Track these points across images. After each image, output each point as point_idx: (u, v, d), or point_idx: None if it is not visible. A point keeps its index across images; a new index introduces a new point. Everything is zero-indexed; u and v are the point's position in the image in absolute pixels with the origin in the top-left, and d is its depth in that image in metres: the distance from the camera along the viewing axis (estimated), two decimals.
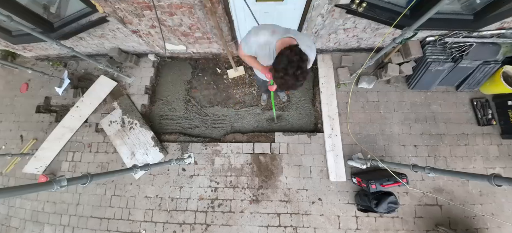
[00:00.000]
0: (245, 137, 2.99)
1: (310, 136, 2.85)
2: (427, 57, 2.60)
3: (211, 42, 2.78)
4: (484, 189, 2.64)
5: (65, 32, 2.55)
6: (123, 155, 2.95)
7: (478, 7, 2.19)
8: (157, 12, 2.14)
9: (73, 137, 3.14)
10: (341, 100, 2.94)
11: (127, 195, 2.86)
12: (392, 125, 2.86)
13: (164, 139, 3.05)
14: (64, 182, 1.17)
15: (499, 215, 2.58)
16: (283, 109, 3.16)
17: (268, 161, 2.82)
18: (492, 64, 2.61)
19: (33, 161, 3.04)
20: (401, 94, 2.96)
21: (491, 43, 2.48)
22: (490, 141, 2.80)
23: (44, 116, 3.35)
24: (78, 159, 3.07)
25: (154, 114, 3.30)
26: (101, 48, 3.16)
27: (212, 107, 3.25)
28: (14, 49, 3.20)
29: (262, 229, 2.62)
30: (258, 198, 2.72)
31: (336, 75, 3.01)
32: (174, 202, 2.78)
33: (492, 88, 2.76)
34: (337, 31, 2.56)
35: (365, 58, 3.01)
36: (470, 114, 2.89)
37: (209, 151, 2.90)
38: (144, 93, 3.23)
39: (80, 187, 2.93)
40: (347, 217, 2.60)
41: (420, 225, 2.55)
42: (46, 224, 2.90)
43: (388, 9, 2.18)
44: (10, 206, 3.07)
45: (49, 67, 3.55)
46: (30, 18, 2.34)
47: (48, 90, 3.45)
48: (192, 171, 2.86)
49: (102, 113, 3.19)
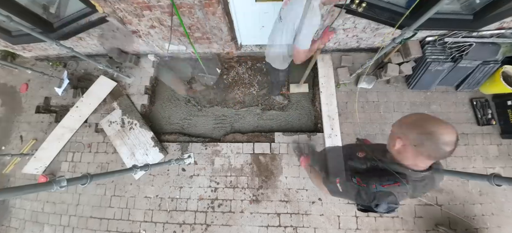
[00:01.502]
0: (245, 137, 2.99)
1: (310, 136, 2.85)
2: (427, 57, 2.60)
3: (211, 42, 2.78)
4: (484, 189, 2.64)
5: (65, 32, 2.54)
6: (123, 155, 2.94)
7: (478, 7, 2.19)
8: (157, 12, 2.14)
9: (73, 138, 3.14)
10: (341, 100, 2.94)
11: (127, 195, 2.86)
12: (392, 125, 2.85)
13: (164, 139, 3.05)
14: (63, 183, 1.17)
15: (499, 215, 2.58)
16: (283, 109, 3.16)
17: (268, 161, 2.82)
18: (491, 64, 2.61)
19: (32, 162, 3.03)
20: (401, 94, 2.96)
21: (491, 43, 2.48)
22: (489, 141, 2.80)
23: (43, 116, 3.34)
24: (78, 159, 3.06)
25: (154, 114, 3.30)
26: (100, 48, 3.16)
27: (212, 107, 3.25)
28: (14, 49, 3.20)
29: (262, 229, 2.62)
30: (258, 198, 2.72)
31: (336, 75, 3.01)
32: (174, 202, 2.78)
33: (492, 88, 2.76)
34: (336, 31, 2.57)
35: (364, 58, 3.02)
36: (469, 114, 2.89)
37: (209, 151, 2.90)
38: (144, 93, 3.23)
39: (80, 188, 2.92)
40: (347, 217, 2.60)
41: (420, 225, 2.55)
42: (45, 224, 2.89)
43: (388, 9, 2.18)
44: (10, 207, 3.07)
45: (49, 67, 3.55)
46: (30, 18, 2.33)
47: (48, 90, 3.45)
48: (192, 171, 2.86)
49: (101, 113, 3.19)
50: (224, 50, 3.03)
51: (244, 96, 3.26)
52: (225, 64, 3.36)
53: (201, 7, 2.07)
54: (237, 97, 3.25)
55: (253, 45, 3.05)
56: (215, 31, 2.52)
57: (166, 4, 2.04)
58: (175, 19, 2.25)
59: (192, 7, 2.09)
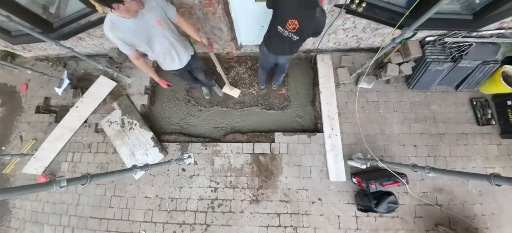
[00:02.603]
0: (245, 137, 2.99)
1: (310, 136, 2.85)
2: (427, 57, 2.60)
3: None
4: (483, 189, 2.65)
5: (65, 32, 2.54)
6: (123, 156, 2.94)
7: (478, 7, 2.20)
8: None
9: (73, 138, 3.14)
10: (341, 100, 2.94)
11: (127, 195, 2.86)
12: (391, 125, 2.86)
13: (163, 139, 3.05)
14: (63, 183, 1.17)
15: (499, 215, 2.59)
16: (283, 109, 3.16)
17: (268, 161, 2.82)
18: (491, 64, 2.61)
19: (32, 162, 3.03)
20: (401, 94, 2.96)
21: (491, 43, 2.49)
22: (489, 141, 2.80)
23: (43, 117, 3.34)
24: (77, 159, 3.06)
25: (154, 114, 3.30)
26: (100, 48, 3.16)
27: (212, 107, 3.25)
28: (14, 50, 3.20)
29: (262, 229, 2.62)
30: (258, 198, 2.72)
31: (336, 75, 3.01)
32: (174, 203, 2.78)
33: (492, 87, 2.76)
34: (336, 31, 2.57)
35: (364, 58, 3.02)
36: (469, 114, 2.89)
37: (209, 151, 2.90)
38: (143, 93, 3.23)
39: (79, 188, 2.92)
40: (347, 217, 2.60)
41: (420, 225, 2.56)
42: (45, 224, 2.89)
43: (388, 9, 2.18)
44: (10, 207, 3.07)
45: (49, 67, 3.55)
46: (30, 18, 2.33)
47: (48, 91, 3.45)
48: (192, 171, 2.86)
49: (101, 113, 3.19)
50: (224, 50, 3.03)
51: (244, 96, 3.26)
52: (225, 64, 3.36)
53: (201, 7, 2.07)
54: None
55: (253, 45, 3.05)
56: (215, 31, 2.52)
57: None
58: None
59: (192, 7, 2.09)
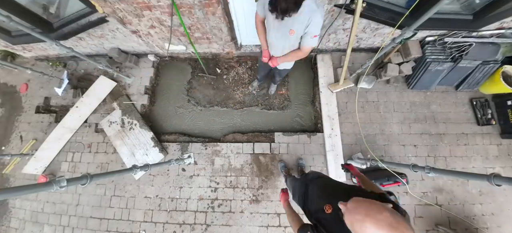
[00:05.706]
0: (245, 137, 2.99)
1: (310, 136, 2.85)
2: (427, 57, 2.60)
3: (211, 42, 2.78)
4: (483, 189, 2.65)
5: (65, 33, 2.54)
6: (123, 156, 2.94)
7: (478, 7, 2.20)
8: (157, 12, 2.14)
9: (73, 138, 3.14)
10: (341, 100, 2.94)
11: (127, 195, 2.86)
12: (391, 125, 2.86)
13: (164, 139, 3.05)
14: (63, 183, 1.17)
15: (499, 215, 2.59)
16: (283, 109, 3.16)
17: (268, 161, 2.82)
18: (491, 64, 2.61)
19: (32, 162, 3.03)
20: (401, 94, 2.96)
21: (491, 43, 2.49)
22: (489, 141, 2.80)
23: (43, 117, 3.34)
24: (77, 159, 3.06)
25: (154, 114, 3.30)
26: (100, 48, 3.16)
27: (212, 107, 3.25)
28: (14, 50, 3.20)
29: (262, 229, 2.62)
30: (258, 198, 2.72)
31: (336, 75, 3.01)
32: (174, 203, 2.78)
33: (492, 87, 2.76)
34: (336, 31, 2.57)
35: (364, 58, 3.02)
36: (469, 114, 2.89)
37: (209, 151, 2.90)
38: (143, 93, 3.23)
39: (79, 188, 2.92)
40: None
41: (420, 225, 2.55)
42: (45, 224, 2.89)
43: (388, 9, 2.18)
44: (10, 207, 3.07)
45: (49, 67, 3.55)
46: (30, 18, 2.33)
47: (48, 91, 3.45)
48: (192, 171, 2.86)
49: (101, 113, 3.19)
50: (224, 50, 3.03)
51: (244, 96, 3.26)
52: (225, 64, 3.36)
53: (201, 7, 2.07)
54: (237, 97, 3.25)
55: (253, 45, 3.05)
56: (215, 31, 2.52)
57: (166, 4, 2.04)
58: (175, 19, 2.25)
59: (192, 7, 2.09)
